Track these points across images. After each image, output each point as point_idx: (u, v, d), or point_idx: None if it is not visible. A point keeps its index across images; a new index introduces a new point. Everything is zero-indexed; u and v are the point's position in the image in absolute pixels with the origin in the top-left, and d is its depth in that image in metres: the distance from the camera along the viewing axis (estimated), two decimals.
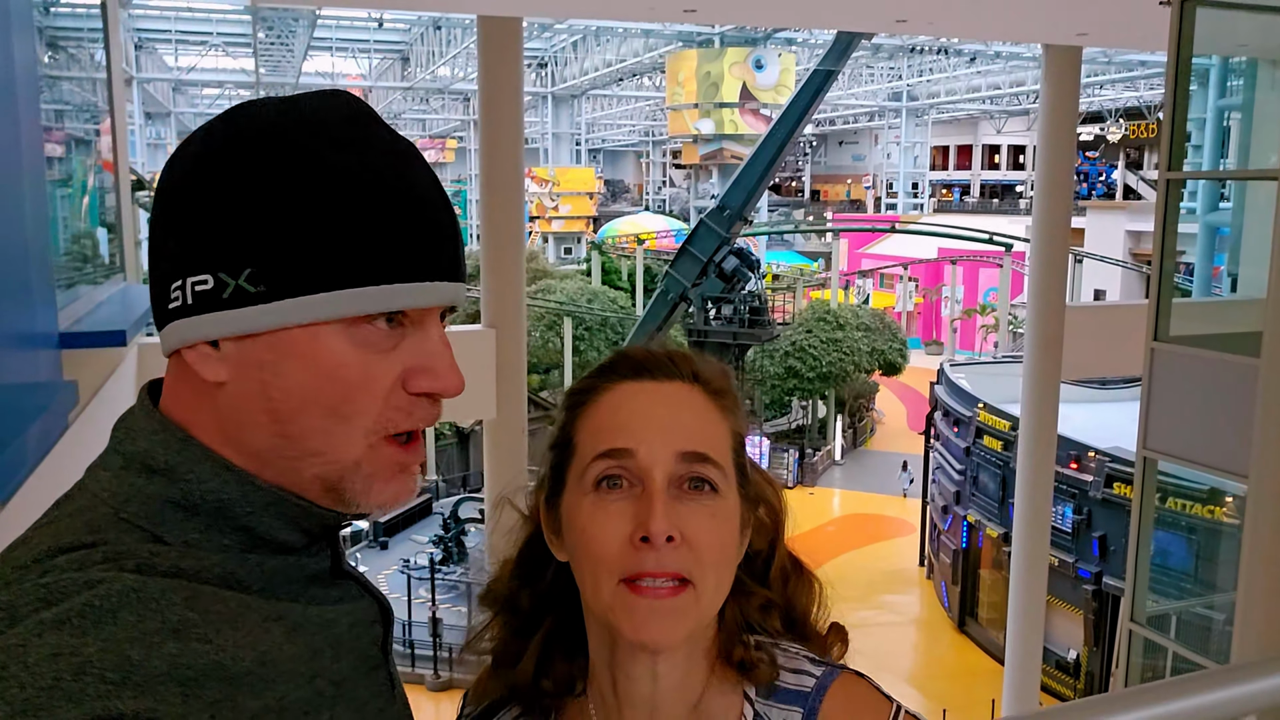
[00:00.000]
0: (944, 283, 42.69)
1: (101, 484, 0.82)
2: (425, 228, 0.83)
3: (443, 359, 0.86)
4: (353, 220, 0.80)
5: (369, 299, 0.81)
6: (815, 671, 1.04)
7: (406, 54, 48.43)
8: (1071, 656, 17.02)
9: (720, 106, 46.17)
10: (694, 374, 1.05)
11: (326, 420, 0.82)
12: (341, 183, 0.81)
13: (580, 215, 54.08)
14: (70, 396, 2.50)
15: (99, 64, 5.64)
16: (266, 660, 0.77)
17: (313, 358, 0.81)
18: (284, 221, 0.80)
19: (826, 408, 31.63)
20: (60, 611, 0.70)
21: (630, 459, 0.98)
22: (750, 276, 25.56)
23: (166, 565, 0.77)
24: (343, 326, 0.81)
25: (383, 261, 0.81)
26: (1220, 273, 10.76)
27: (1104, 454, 16.16)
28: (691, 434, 1.00)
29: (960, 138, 61.37)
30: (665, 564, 0.95)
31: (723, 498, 1.00)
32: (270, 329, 0.81)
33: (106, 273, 5.05)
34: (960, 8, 8.82)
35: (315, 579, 0.89)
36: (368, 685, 0.91)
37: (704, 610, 0.99)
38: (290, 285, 0.80)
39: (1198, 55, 6.61)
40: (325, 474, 0.84)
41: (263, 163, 0.81)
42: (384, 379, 0.83)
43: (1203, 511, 8.65)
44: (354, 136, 0.83)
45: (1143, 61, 40.69)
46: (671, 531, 0.95)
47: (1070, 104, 10.65)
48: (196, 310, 0.82)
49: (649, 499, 0.96)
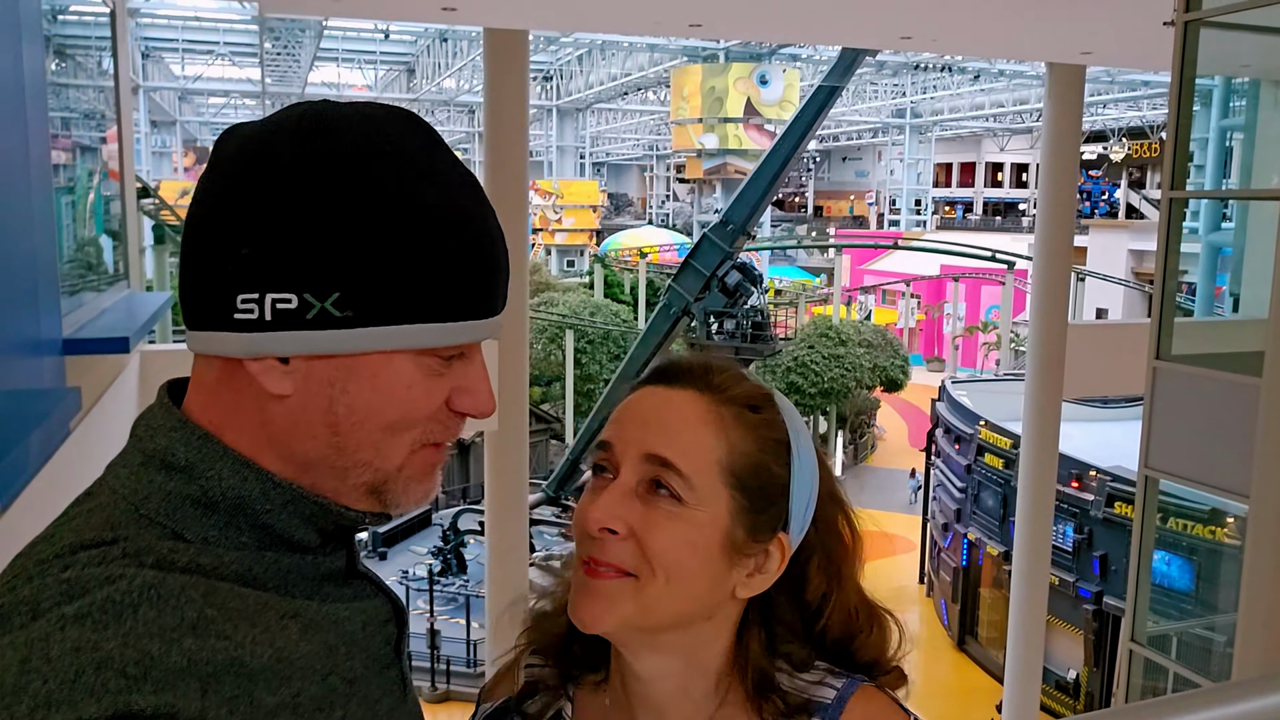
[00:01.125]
0: (946, 300, 42.69)
1: (121, 480, 0.84)
2: (494, 268, 0.90)
3: (484, 383, 0.92)
4: (438, 257, 0.84)
5: (445, 334, 0.86)
6: (836, 684, 1.04)
7: (412, 65, 48.58)
8: (1071, 676, 16.95)
9: (724, 121, 46.27)
10: (710, 385, 1.05)
11: (382, 434, 0.86)
12: (429, 219, 0.84)
13: (583, 228, 54.13)
14: (73, 403, 2.50)
15: (106, 72, 5.67)
16: (283, 656, 0.79)
17: (384, 380, 0.85)
18: (375, 252, 0.82)
19: (828, 424, 31.60)
20: (81, 606, 0.71)
21: (609, 452, 1.03)
22: (753, 291, 25.54)
23: (185, 561, 0.79)
24: (414, 354, 0.85)
25: (460, 299, 0.86)
26: (1222, 293, 10.76)
27: (1105, 473, 16.12)
28: (664, 438, 1.01)
29: (963, 155, 61.47)
30: (608, 553, 0.99)
31: (688, 506, 0.99)
32: (350, 353, 0.83)
33: (110, 280, 5.07)
34: (964, 26, 8.85)
35: (330, 578, 0.91)
36: (380, 684, 0.92)
37: (648, 607, 0.99)
38: (376, 314, 0.83)
39: (1201, 76, 6.63)
40: (372, 480, 0.88)
41: (354, 188, 0.82)
42: (437, 400, 0.89)
43: (1204, 532, 8.63)
44: (435, 168, 0.86)
45: (1145, 81, 40.76)
46: (614, 524, 0.99)
47: (1073, 123, 10.67)
48: (275, 326, 0.82)
49: (606, 491, 1.01)
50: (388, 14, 27.96)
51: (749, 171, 27.10)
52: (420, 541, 23.08)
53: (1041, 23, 8.14)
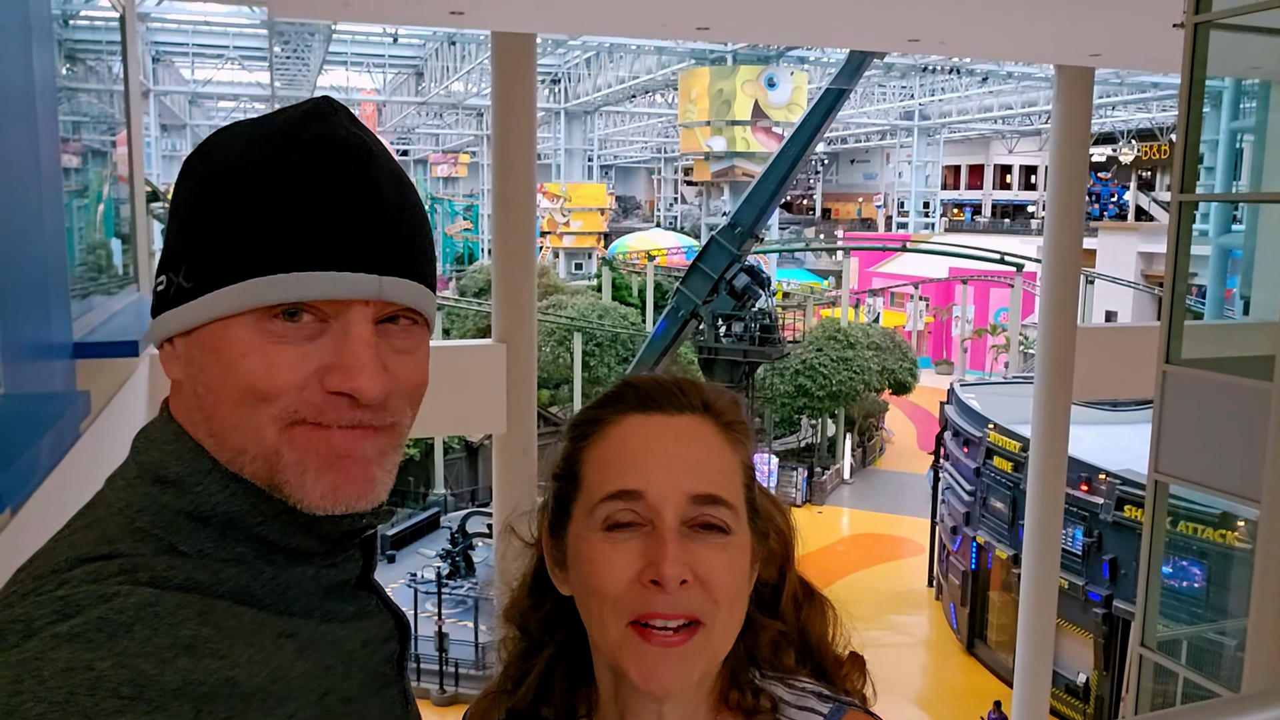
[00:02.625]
0: (955, 302, 42.59)
1: (118, 493, 0.84)
2: (330, 218, 0.81)
3: (356, 358, 0.82)
4: (256, 213, 0.81)
5: (266, 289, 0.80)
6: (823, 709, 1.01)
7: (421, 69, 48.75)
8: (1081, 680, 16.88)
9: (732, 124, 46.28)
10: (704, 404, 1.03)
11: (236, 413, 0.82)
12: (250, 178, 0.82)
13: (591, 231, 54.19)
14: (83, 406, 2.51)
15: (116, 76, 5.69)
16: (278, 677, 0.78)
17: (224, 351, 0.82)
18: (206, 218, 0.83)
19: (836, 426, 31.54)
20: (75, 625, 0.70)
21: (640, 500, 0.95)
22: (761, 294, 25.55)
23: (181, 579, 0.78)
24: (251, 319, 0.81)
25: (281, 252, 0.80)
26: (1233, 295, 10.71)
27: (1115, 476, 16.06)
28: (702, 474, 0.97)
29: (972, 157, 61.37)
30: (678, 605, 0.93)
31: (734, 535, 0.97)
32: (197, 324, 0.83)
33: (120, 283, 5.08)
34: (972, 28, 8.83)
35: (334, 590, 0.89)
36: (378, 703, 0.91)
37: (715, 652, 0.96)
38: (211, 278, 0.82)
39: (1211, 77, 6.60)
40: (258, 471, 0.83)
41: (206, 168, 0.85)
42: (291, 371, 0.81)
43: (1214, 536, 8.59)
44: (287, 134, 0.84)
45: (1155, 83, 40.64)
46: (684, 574, 0.92)
47: (1082, 125, 10.64)
48: (155, 310, 0.86)
49: (660, 540, 0.93)
50: (396, 18, 28.04)
51: (757, 174, 27.11)
52: (429, 544, 23.12)
53: (1050, 24, 8.12)
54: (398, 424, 0.87)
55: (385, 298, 0.83)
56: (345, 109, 0.87)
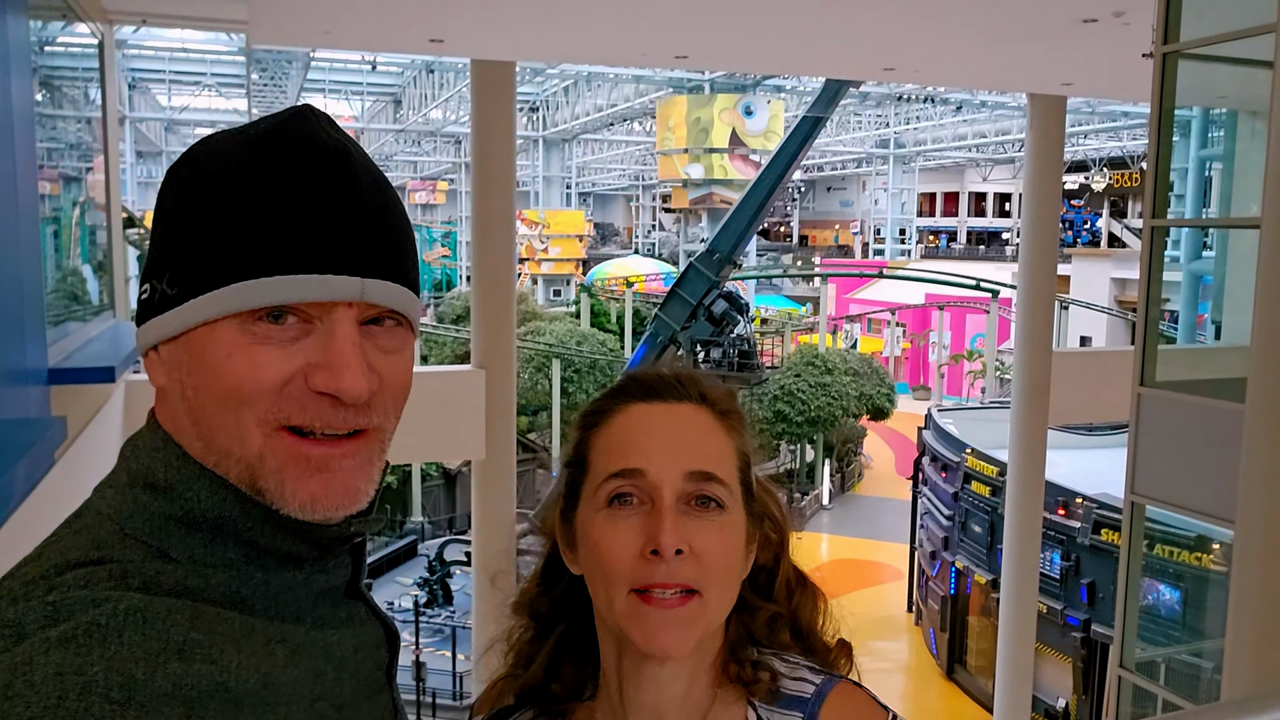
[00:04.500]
0: (931, 328, 42.89)
1: (107, 500, 0.84)
2: (313, 220, 0.82)
3: (341, 357, 0.83)
4: (238, 218, 0.82)
5: (250, 293, 0.81)
6: (815, 679, 1.09)
7: (399, 96, 48.79)
8: (1061, 705, 16.88)
9: (710, 152, 46.57)
10: (701, 395, 1.11)
11: (222, 413, 0.82)
12: (232, 183, 0.82)
13: (570, 258, 54.23)
14: (59, 432, 2.49)
15: (94, 103, 5.68)
16: (269, 682, 0.78)
17: (210, 353, 0.83)
18: (189, 224, 0.83)
19: (815, 452, 31.58)
20: (66, 630, 0.70)
21: (641, 478, 1.03)
22: (739, 320, 25.62)
23: (172, 584, 0.78)
24: (237, 322, 0.82)
25: (262, 255, 0.81)
26: (1204, 320, 10.85)
27: (1092, 500, 16.15)
28: (698, 453, 1.06)
29: (947, 185, 62.02)
30: (674, 575, 1.00)
31: (729, 513, 1.05)
32: (182, 330, 0.83)
33: (96, 310, 5.05)
34: (947, 57, 8.96)
35: (324, 596, 0.89)
36: (370, 709, 0.91)
37: (710, 619, 1.04)
38: (195, 283, 0.83)
39: (1179, 107, 6.72)
40: (241, 475, 0.83)
41: (188, 175, 0.86)
42: (275, 369, 0.82)
43: (1190, 559, 8.64)
44: (268, 139, 0.85)
45: (1125, 112, 41.30)
46: (680, 545, 1.00)
47: (1055, 152, 10.80)
48: (139, 319, 0.87)
49: (659, 515, 1.01)
50: (376, 45, 28.10)
51: (734, 201, 27.26)
52: (406, 573, 22.89)
53: (1023, 54, 8.25)
54: (382, 427, 0.88)
55: (368, 299, 0.84)
56: (326, 115, 0.88)
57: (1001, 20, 7.12)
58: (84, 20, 5.28)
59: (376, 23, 7.19)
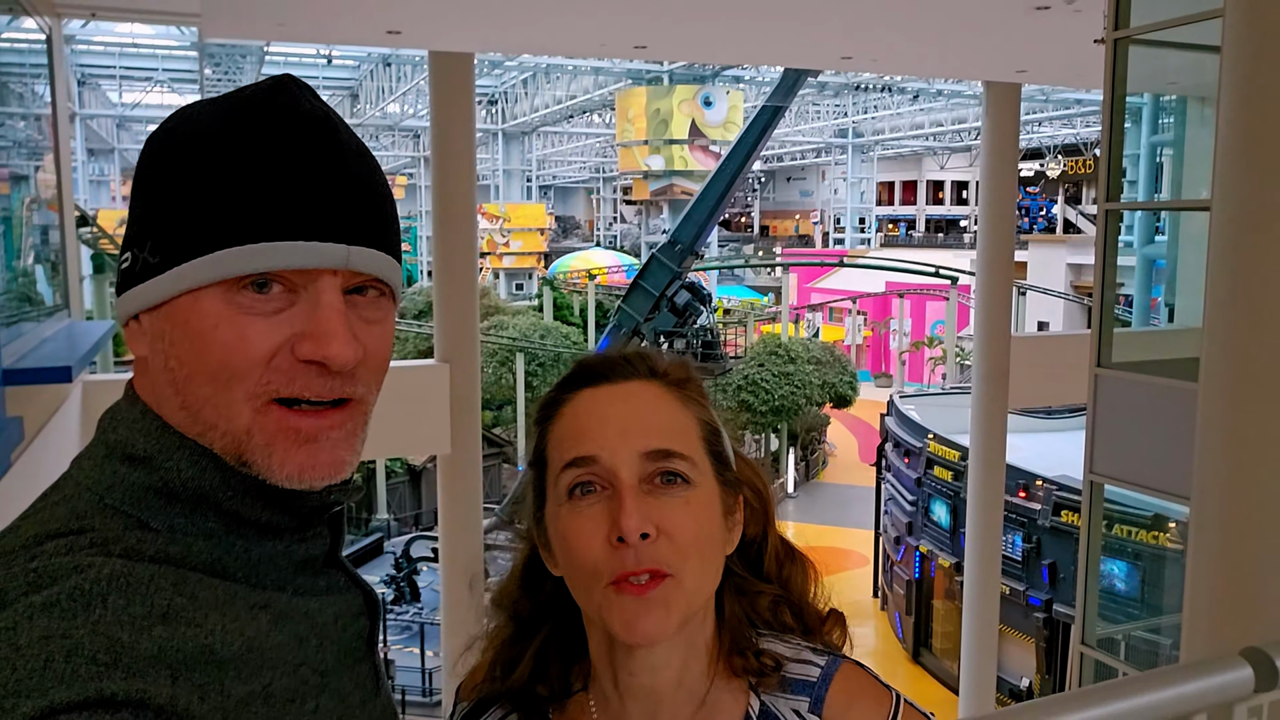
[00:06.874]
0: (892, 316, 43.24)
1: (85, 472, 0.84)
2: (297, 187, 0.82)
3: (327, 325, 0.83)
4: (222, 184, 0.81)
5: (234, 260, 0.81)
6: (819, 661, 1.07)
7: (356, 90, 48.30)
8: (1024, 685, 17.15)
9: (670, 143, 46.56)
10: (651, 369, 1.08)
11: (210, 387, 0.82)
12: (216, 150, 0.82)
13: (531, 251, 54.06)
14: (15, 433, 2.45)
15: (43, 100, 5.57)
16: (254, 647, 0.78)
17: (195, 324, 0.82)
18: (171, 192, 0.83)
19: (779, 441, 31.78)
20: (49, 595, 0.71)
21: (596, 464, 1.00)
22: (702, 311, 25.73)
23: (153, 551, 0.79)
24: (221, 291, 0.82)
25: (246, 223, 0.81)
26: (1158, 304, 11.06)
27: (1052, 482, 16.40)
28: (652, 431, 1.02)
29: (905, 174, 62.53)
30: (643, 560, 0.97)
31: (696, 487, 1.02)
32: (165, 299, 0.83)
33: (50, 310, 4.97)
34: (903, 46, 9.04)
35: (305, 566, 0.90)
36: (351, 677, 0.91)
37: (690, 598, 1.00)
38: (177, 251, 0.82)
39: (1131, 94, 6.83)
40: (226, 447, 0.83)
41: (170, 143, 0.85)
42: (263, 341, 0.82)
43: (1147, 537, 8.82)
44: (251, 106, 0.85)
45: (1079, 100, 41.85)
46: (645, 528, 0.97)
47: (1011, 140, 10.93)
48: (120, 288, 0.86)
49: (619, 500, 0.98)
50: (332, 38, 27.78)
51: (695, 192, 27.33)
52: (372, 570, 22.72)
53: (978, 43, 8.35)
54: (365, 398, 0.88)
55: (353, 267, 0.84)
56: (307, 85, 0.88)
57: (957, 8, 7.19)
58: (31, 14, 5.17)
59: (332, 14, 7.12)
